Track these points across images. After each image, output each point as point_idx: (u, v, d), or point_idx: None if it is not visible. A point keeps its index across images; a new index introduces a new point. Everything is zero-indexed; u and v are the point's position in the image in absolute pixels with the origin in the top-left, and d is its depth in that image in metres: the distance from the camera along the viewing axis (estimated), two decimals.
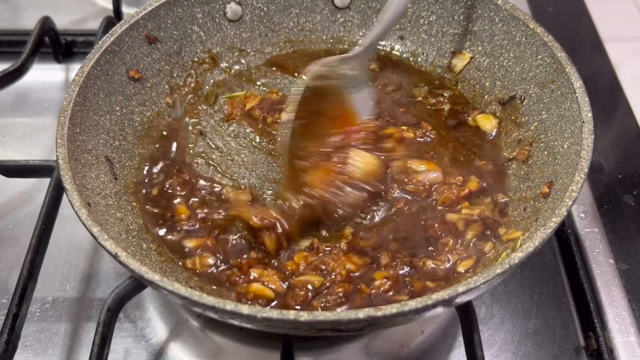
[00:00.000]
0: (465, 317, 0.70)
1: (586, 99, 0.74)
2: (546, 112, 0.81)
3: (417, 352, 0.77)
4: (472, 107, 0.90)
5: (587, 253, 0.86)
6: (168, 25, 0.90)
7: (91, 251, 0.86)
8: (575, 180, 0.66)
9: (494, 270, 0.58)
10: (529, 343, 0.78)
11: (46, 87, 1.09)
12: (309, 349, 0.76)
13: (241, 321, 0.59)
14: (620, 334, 0.78)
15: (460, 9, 0.91)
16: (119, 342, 0.76)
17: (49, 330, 0.78)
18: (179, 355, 0.76)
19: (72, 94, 0.75)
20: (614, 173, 0.97)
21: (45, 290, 0.81)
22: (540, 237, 0.61)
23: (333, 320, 0.55)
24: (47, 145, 1.00)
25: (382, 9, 0.96)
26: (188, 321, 0.79)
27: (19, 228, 0.89)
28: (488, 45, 0.90)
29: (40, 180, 0.90)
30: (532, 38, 0.83)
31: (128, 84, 0.86)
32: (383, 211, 0.78)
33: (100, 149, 0.78)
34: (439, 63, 0.96)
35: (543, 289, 0.84)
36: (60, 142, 0.70)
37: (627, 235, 0.89)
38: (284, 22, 0.99)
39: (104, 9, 1.22)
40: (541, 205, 0.73)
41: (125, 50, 0.84)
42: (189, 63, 0.93)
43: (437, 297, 0.56)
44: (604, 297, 0.81)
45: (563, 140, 0.75)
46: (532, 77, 0.84)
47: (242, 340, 0.77)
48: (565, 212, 0.64)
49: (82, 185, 0.70)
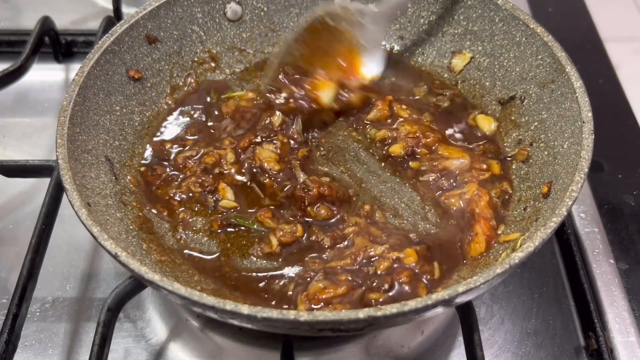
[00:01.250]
0: (465, 317, 0.70)
1: (586, 99, 0.74)
2: (546, 112, 0.81)
3: (417, 352, 0.77)
4: (472, 106, 0.90)
5: (587, 253, 0.86)
6: (168, 25, 0.90)
7: (91, 251, 0.86)
8: (576, 180, 0.66)
9: (494, 270, 0.58)
10: (529, 343, 0.78)
11: (46, 87, 1.09)
12: (309, 349, 0.76)
13: (241, 321, 0.59)
14: (620, 334, 0.78)
15: (460, 9, 0.91)
16: (119, 342, 0.77)
17: (49, 330, 0.78)
18: (179, 355, 0.76)
19: (72, 93, 0.75)
20: (614, 173, 0.97)
21: (45, 290, 0.81)
22: (541, 237, 0.61)
23: (333, 320, 0.55)
24: (47, 145, 1.00)
25: None
26: (188, 321, 0.79)
27: (19, 228, 0.89)
28: (488, 45, 0.90)
29: (40, 180, 0.90)
30: (532, 38, 0.83)
31: (128, 84, 0.86)
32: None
33: (100, 149, 0.78)
34: (439, 63, 0.95)
35: (543, 289, 0.84)
36: (60, 142, 0.70)
37: (627, 235, 0.89)
38: (284, 22, 0.98)
39: (104, 9, 1.22)
40: (541, 205, 0.73)
41: (125, 50, 0.84)
42: (189, 63, 0.93)
43: (437, 297, 0.56)
44: (604, 297, 0.81)
45: (563, 140, 0.75)
46: (532, 77, 0.84)
47: (242, 340, 0.77)
48: (566, 212, 0.64)
49: (82, 185, 0.70)
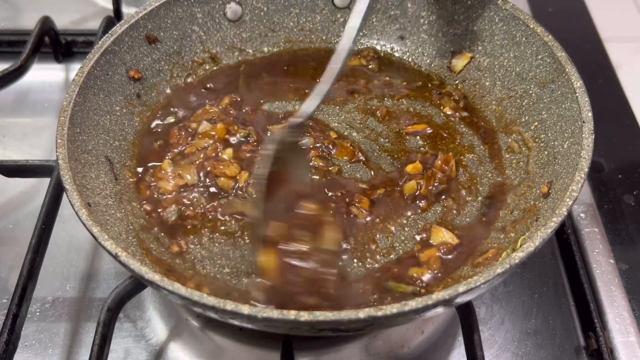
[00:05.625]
0: (465, 317, 0.70)
1: (586, 99, 0.74)
2: (546, 111, 0.81)
3: (417, 352, 0.77)
4: (473, 106, 0.90)
5: (587, 253, 0.86)
6: (168, 25, 0.90)
7: (91, 251, 0.86)
8: (576, 180, 0.66)
9: (494, 270, 0.58)
10: (529, 343, 0.78)
11: (46, 87, 1.09)
12: (309, 349, 0.76)
13: (241, 321, 0.59)
14: (620, 334, 0.78)
15: (460, 9, 0.91)
16: (119, 342, 0.76)
17: (49, 330, 0.78)
18: (179, 355, 0.76)
19: (72, 94, 0.75)
20: (614, 173, 0.97)
21: (45, 290, 0.81)
22: (541, 237, 0.61)
23: (333, 320, 0.55)
24: (47, 145, 1.00)
25: (381, 8, 0.97)
26: (188, 321, 0.79)
27: (19, 228, 0.89)
28: (488, 45, 0.90)
29: (40, 180, 0.90)
30: (532, 38, 0.83)
31: (128, 84, 0.86)
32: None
33: (100, 149, 0.78)
34: (439, 63, 0.95)
35: (543, 289, 0.84)
36: (60, 142, 0.70)
37: (627, 235, 0.89)
38: (284, 22, 0.98)
39: (104, 9, 1.22)
40: (541, 205, 0.73)
41: (125, 50, 0.84)
42: (189, 63, 0.93)
43: (437, 297, 0.56)
44: (604, 297, 0.81)
45: (563, 140, 0.75)
46: (532, 77, 0.84)
47: (242, 340, 0.77)
48: (566, 211, 0.64)
49: (82, 185, 0.70)
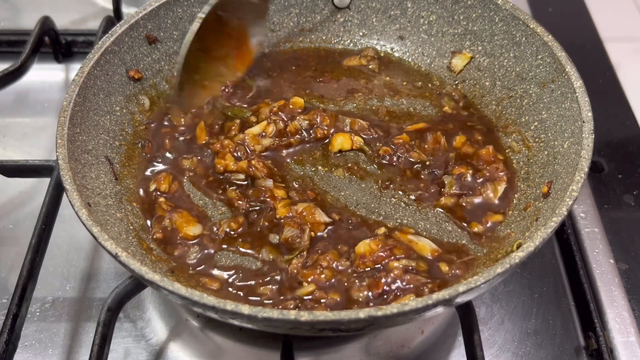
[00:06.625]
0: (465, 317, 0.70)
1: (586, 99, 0.74)
2: (546, 111, 0.81)
3: (417, 352, 0.77)
4: (472, 106, 0.90)
5: (587, 253, 0.86)
6: (168, 25, 0.89)
7: (91, 251, 0.86)
8: (576, 179, 0.66)
9: (494, 269, 0.58)
10: (529, 343, 0.78)
11: (46, 87, 1.09)
12: (309, 349, 0.76)
13: (241, 321, 0.59)
14: (620, 334, 0.78)
15: (460, 9, 0.91)
16: (119, 342, 0.76)
17: (49, 330, 0.78)
18: (179, 355, 0.76)
19: (72, 94, 0.75)
20: (614, 173, 0.97)
21: (45, 290, 0.81)
22: (541, 236, 0.61)
23: (334, 320, 0.55)
24: (47, 145, 1.00)
25: (381, 8, 0.97)
26: (188, 321, 0.79)
27: (19, 228, 0.89)
28: (488, 45, 0.90)
29: (40, 180, 0.90)
30: (532, 38, 0.83)
31: (128, 84, 0.86)
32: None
33: (100, 149, 0.78)
34: (439, 63, 0.95)
35: (543, 289, 0.84)
36: (60, 142, 0.70)
37: (627, 235, 0.89)
38: (284, 22, 0.98)
39: (104, 9, 1.22)
40: (541, 205, 0.73)
41: (125, 50, 0.84)
42: None
43: (437, 297, 0.56)
44: (604, 297, 0.81)
45: (563, 139, 0.75)
46: (532, 76, 0.84)
47: (242, 340, 0.77)
48: (566, 211, 0.64)
49: (82, 185, 0.70)
